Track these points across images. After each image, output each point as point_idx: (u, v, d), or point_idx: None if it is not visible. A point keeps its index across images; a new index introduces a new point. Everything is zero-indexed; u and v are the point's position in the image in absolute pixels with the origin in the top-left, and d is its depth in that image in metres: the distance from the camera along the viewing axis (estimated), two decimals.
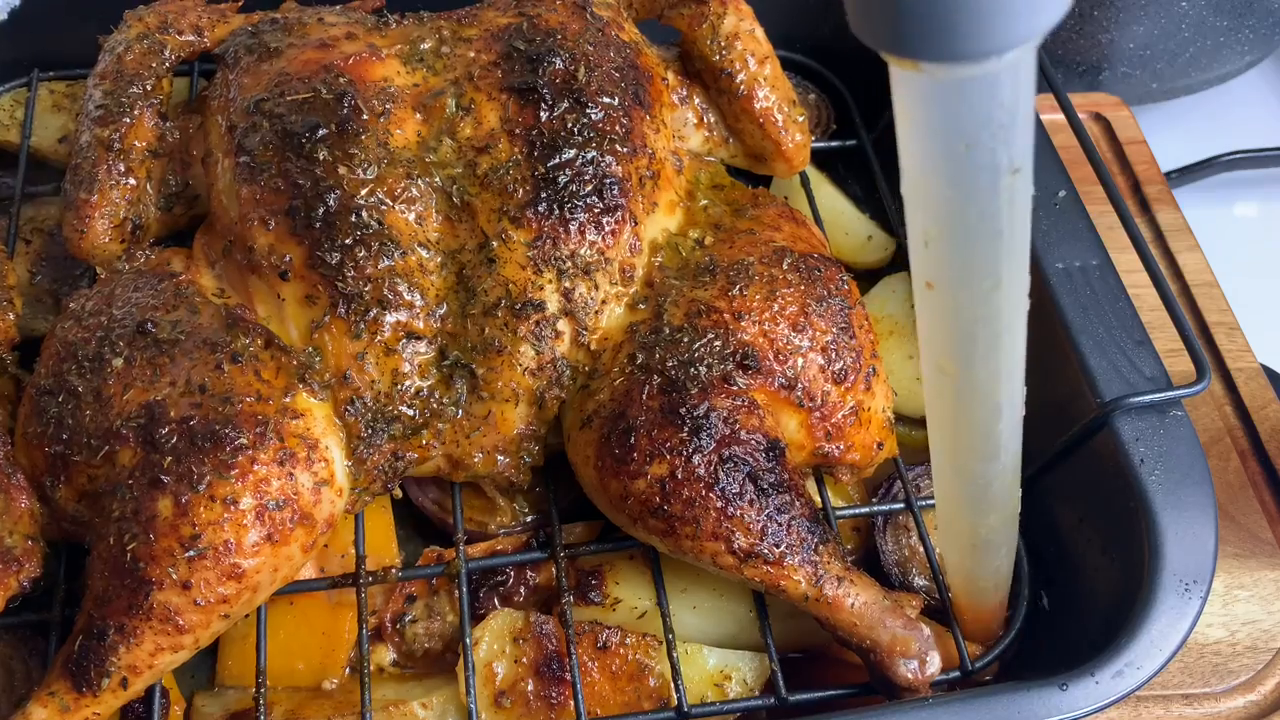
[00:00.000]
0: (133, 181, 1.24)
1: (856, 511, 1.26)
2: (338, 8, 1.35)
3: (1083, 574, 1.20)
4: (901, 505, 1.26)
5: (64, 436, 1.07)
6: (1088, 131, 1.72)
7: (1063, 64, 1.86)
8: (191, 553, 0.99)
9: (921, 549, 1.26)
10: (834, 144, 1.59)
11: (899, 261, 1.52)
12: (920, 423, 1.39)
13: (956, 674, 1.14)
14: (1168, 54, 1.79)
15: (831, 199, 1.53)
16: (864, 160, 1.58)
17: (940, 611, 1.19)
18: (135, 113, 1.25)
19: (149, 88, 1.27)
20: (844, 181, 1.62)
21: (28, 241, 1.38)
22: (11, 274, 1.27)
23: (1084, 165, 1.33)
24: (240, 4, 1.42)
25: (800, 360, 1.14)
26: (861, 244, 1.52)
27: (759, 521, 1.07)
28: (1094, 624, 1.11)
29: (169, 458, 1.01)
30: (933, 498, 1.24)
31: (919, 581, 1.26)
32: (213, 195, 1.22)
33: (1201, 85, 1.93)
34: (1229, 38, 1.77)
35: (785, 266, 1.19)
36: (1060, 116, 1.42)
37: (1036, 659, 1.17)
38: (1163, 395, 1.16)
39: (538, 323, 1.15)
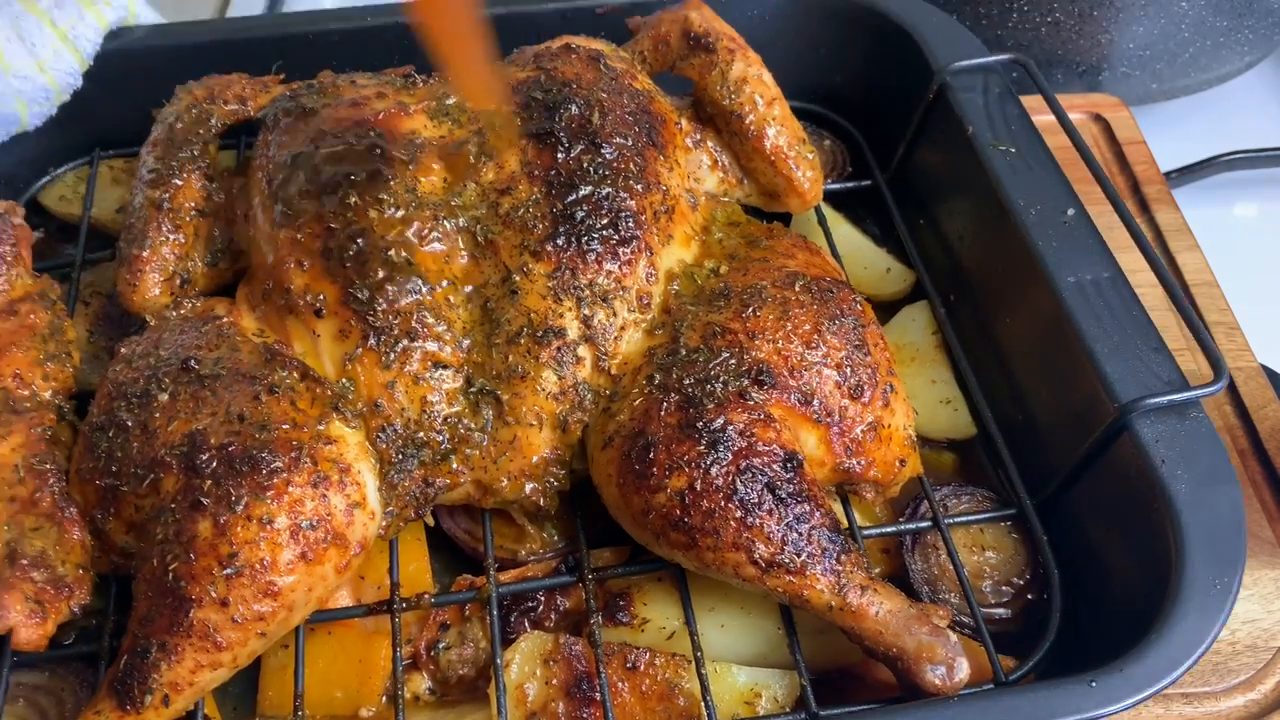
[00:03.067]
0: (181, 238, 1.33)
1: (884, 530, 1.27)
2: (369, 73, 1.44)
3: (1111, 579, 1.18)
4: (929, 524, 1.26)
5: (113, 469, 1.13)
6: (1088, 132, 1.73)
7: (1062, 64, 1.86)
8: (229, 570, 1.04)
9: (951, 567, 1.25)
10: (850, 185, 1.64)
11: (918, 292, 1.54)
12: (946, 445, 1.40)
13: (990, 686, 1.13)
14: (1168, 54, 1.80)
15: (849, 236, 1.57)
16: (880, 199, 1.62)
17: (973, 630, 1.18)
18: (184, 175, 1.34)
19: (197, 152, 1.37)
20: (861, 221, 1.66)
21: (86, 304, 1.47)
22: (71, 330, 1.36)
23: (1082, 165, 1.35)
24: (282, 77, 1.53)
25: (815, 376, 1.17)
26: (880, 276, 1.55)
27: (779, 530, 1.09)
28: (1123, 627, 1.10)
29: (209, 481, 1.07)
30: (960, 515, 1.24)
31: (950, 599, 1.25)
32: (253, 245, 1.30)
33: (1201, 85, 1.93)
34: (1229, 38, 1.77)
35: (798, 288, 1.22)
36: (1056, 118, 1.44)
37: (1066, 665, 1.15)
38: (1180, 396, 1.15)
39: (559, 349, 1.19)
